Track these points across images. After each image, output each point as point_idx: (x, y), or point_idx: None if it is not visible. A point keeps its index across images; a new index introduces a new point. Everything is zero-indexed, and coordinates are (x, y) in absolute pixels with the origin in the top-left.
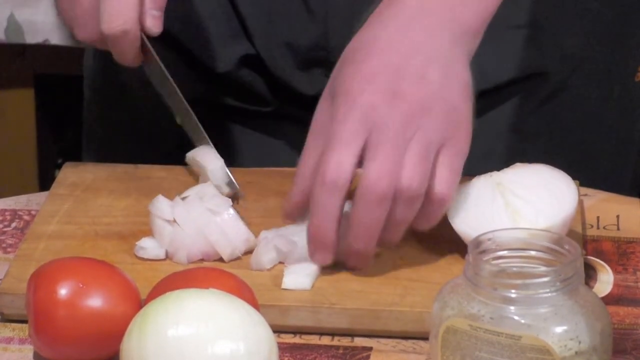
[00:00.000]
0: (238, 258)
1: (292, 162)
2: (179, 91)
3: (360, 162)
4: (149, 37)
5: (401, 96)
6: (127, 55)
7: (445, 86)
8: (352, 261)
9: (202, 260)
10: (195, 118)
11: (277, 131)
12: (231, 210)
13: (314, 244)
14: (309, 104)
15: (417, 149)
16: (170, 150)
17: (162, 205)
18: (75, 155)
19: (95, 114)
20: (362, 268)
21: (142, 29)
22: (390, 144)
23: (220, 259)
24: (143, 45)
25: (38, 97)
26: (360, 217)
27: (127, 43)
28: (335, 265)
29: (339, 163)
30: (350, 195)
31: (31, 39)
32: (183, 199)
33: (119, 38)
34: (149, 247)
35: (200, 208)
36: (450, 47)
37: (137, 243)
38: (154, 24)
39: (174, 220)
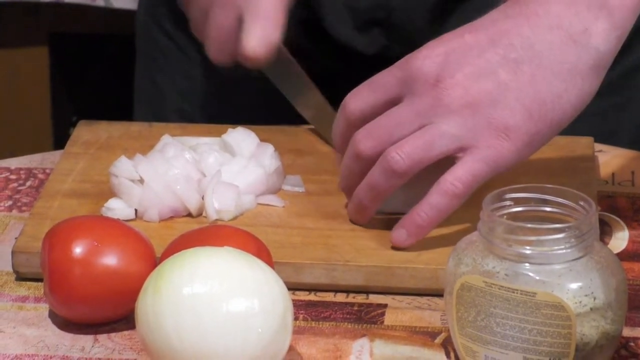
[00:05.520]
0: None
1: None
2: (313, 85)
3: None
4: None
5: (447, 84)
6: (257, 68)
7: (508, 93)
8: (350, 211)
9: (172, 217)
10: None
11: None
12: (187, 156)
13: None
14: (367, 63)
15: (424, 134)
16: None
17: (125, 166)
18: (90, 113)
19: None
20: (358, 222)
21: None
22: (403, 115)
23: (189, 215)
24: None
25: (52, 56)
26: (344, 161)
27: (264, 63)
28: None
29: (357, 95)
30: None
31: None
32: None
33: (260, 61)
34: (117, 207)
35: (164, 162)
36: (566, 47)
37: (104, 205)
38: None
39: (140, 179)
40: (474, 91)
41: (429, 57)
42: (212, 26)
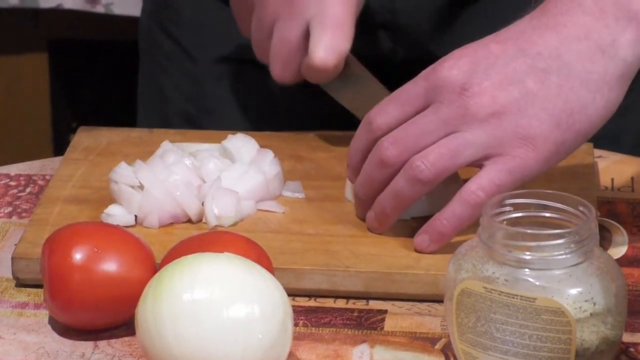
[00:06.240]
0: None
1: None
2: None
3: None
4: None
5: (474, 92)
6: (324, 80)
7: (535, 103)
8: (369, 220)
9: (172, 223)
10: None
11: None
12: (187, 162)
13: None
14: (373, 67)
15: (450, 143)
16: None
17: (125, 172)
18: (90, 120)
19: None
20: (376, 231)
21: None
22: (429, 123)
23: (189, 221)
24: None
25: (52, 62)
26: (365, 168)
27: (332, 74)
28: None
29: (383, 111)
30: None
31: (45, 3)
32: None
33: (329, 72)
34: (117, 214)
35: (164, 169)
36: (594, 57)
37: (104, 211)
38: None
39: (140, 185)
40: (501, 100)
41: (455, 66)
42: (277, 41)
